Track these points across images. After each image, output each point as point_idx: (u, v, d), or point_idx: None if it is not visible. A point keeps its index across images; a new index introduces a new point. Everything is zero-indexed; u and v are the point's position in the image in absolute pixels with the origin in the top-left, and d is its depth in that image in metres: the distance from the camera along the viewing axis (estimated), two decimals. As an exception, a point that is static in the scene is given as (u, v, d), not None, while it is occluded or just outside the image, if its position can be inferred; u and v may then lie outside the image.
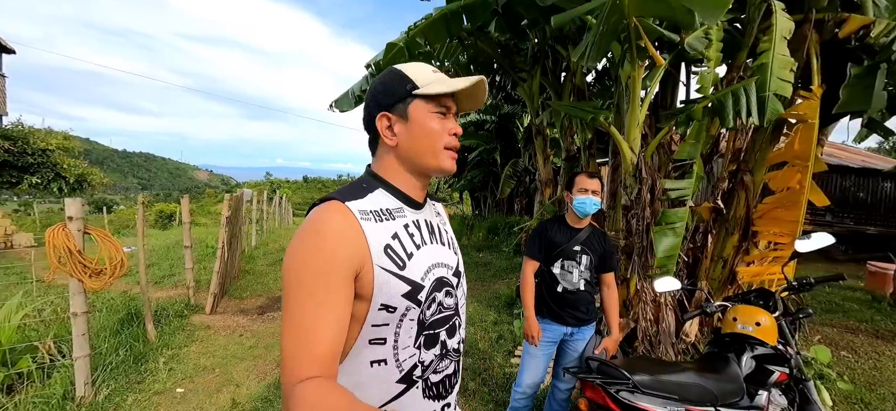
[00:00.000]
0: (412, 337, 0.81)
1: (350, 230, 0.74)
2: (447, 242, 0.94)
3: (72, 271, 2.71)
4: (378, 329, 0.77)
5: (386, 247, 0.77)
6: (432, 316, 0.84)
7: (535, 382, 2.23)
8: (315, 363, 0.66)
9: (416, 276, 0.80)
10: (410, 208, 0.86)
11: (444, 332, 0.86)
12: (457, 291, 0.91)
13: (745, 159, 3.21)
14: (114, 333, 3.74)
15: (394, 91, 0.83)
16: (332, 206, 0.76)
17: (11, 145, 10.53)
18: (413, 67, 0.84)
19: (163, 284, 6.40)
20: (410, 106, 0.81)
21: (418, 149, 0.82)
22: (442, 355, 0.86)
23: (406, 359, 0.81)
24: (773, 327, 1.96)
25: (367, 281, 0.74)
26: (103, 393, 2.87)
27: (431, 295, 0.83)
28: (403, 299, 0.78)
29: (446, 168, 0.84)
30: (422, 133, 0.81)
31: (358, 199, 0.79)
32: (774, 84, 2.43)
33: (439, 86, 0.80)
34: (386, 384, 0.80)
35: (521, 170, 10.40)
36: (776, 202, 3.10)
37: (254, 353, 3.72)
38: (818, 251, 2.01)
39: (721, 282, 3.40)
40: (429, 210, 0.93)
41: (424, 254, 0.83)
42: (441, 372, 0.87)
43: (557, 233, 2.15)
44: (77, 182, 11.75)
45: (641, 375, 1.58)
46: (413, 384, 0.83)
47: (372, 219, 0.77)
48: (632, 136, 2.90)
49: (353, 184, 0.85)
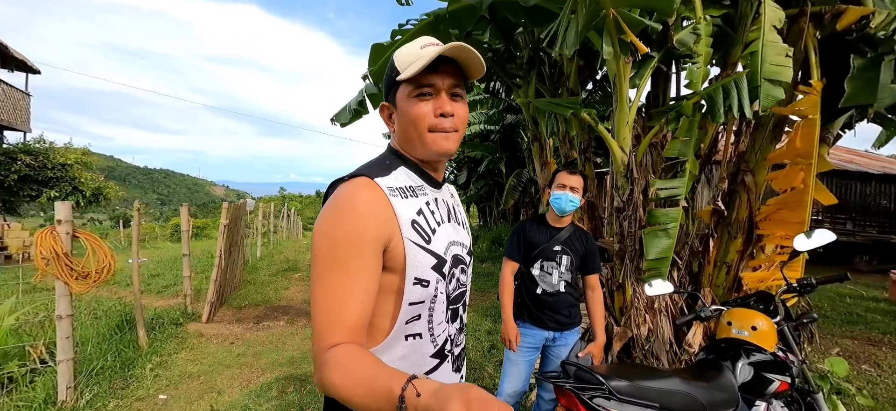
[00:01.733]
0: (444, 312, 0.85)
1: (379, 204, 0.75)
2: (462, 222, 0.98)
3: (58, 273, 2.72)
4: (414, 307, 0.80)
5: (413, 221, 0.79)
6: (454, 290, 0.88)
7: (516, 390, 2.11)
8: (344, 330, 0.68)
9: (439, 250, 0.82)
10: (430, 186, 0.89)
11: (461, 307, 0.92)
12: (469, 269, 0.96)
13: (746, 159, 3.07)
14: (105, 338, 3.75)
15: (387, 80, 0.85)
16: (362, 182, 0.77)
17: (33, 160, 10.97)
18: (404, 49, 0.81)
19: (165, 293, 6.45)
20: (397, 93, 0.82)
21: (406, 134, 0.83)
22: (461, 329, 0.93)
23: (440, 334, 0.85)
24: (771, 331, 1.81)
25: (398, 252, 0.76)
26: (85, 397, 2.84)
27: (452, 270, 0.85)
28: (432, 272, 0.80)
29: (435, 149, 0.81)
30: (405, 118, 0.81)
31: (384, 176, 0.80)
32: (767, 70, 2.31)
33: (414, 66, 0.77)
34: (421, 358, 0.83)
35: (526, 180, 10.29)
36: (780, 203, 2.94)
37: (241, 361, 3.66)
38: (838, 259, 1.87)
39: (726, 289, 3.21)
40: (445, 190, 0.96)
41: (444, 231, 0.86)
42: (460, 344, 0.94)
43: (537, 233, 2.06)
44: (93, 195, 12.14)
45: (618, 381, 1.45)
46: (444, 358, 0.87)
47: (399, 196, 0.79)
48: (621, 136, 2.80)
49: (376, 161, 0.86)
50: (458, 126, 0.82)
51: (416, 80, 0.78)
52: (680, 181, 2.57)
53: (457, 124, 0.82)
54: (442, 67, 0.78)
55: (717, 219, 3.20)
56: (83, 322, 4.36)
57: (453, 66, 0.80)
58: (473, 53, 0.78)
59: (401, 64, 0.80)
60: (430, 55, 0.75)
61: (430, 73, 0.78)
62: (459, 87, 0.82)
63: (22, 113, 11.08)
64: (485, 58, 3.34)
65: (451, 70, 0.80)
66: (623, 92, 2.72)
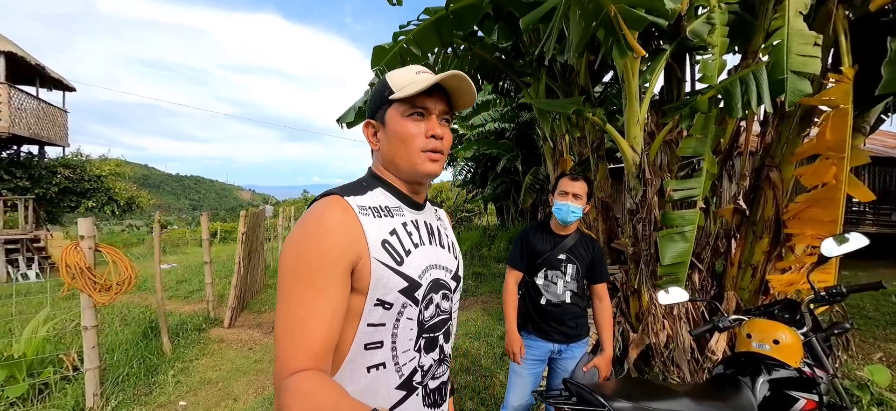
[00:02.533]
0: (412, 340, 0.80)
1: (348, 222, 0.74)
2: (447, 245, 0.93)
3: (82, 286, 2.86)
4: (374, 330, 0.76)
5: (383, 241, 0.77)
6: (431, 318, 0.83)
7: (522, 404, 2.04)
8: (308, 355, 0.65)
9: (413, 274, 0.79)
10: (409, 208, 0.87)
11: (441, 336, 0.86)
12: (454, 295, 0.90)
13: (771, 154, 2.87)
14: (132, 345, 3.92)
15: (376, 99, 0.85)
16: (332, 201, 0.76)
17: (71, 173, 11.68)
18: (397, 72, 0.84)
19: (191, 299, 6.72)
20: (387, 112, 0.82)
21: (395, 153, 0.82)
22: (440, 360, 0.87)
23: (406, 363, 0.80)
24: (795, 345, 1.67)
25: (364, 273, 0.73)
26: (111, 404, 2.98)
27: (428, 295, 0.82)
28: (400, 295, 0.77)
29: (424, 171, 0.82)
30: (396, 137, 0.81)
31: (357, 195, 0.80)
32: (794, 62, 2.14)
33: (411, 87, 0.79)
34: (385, 389, 0.79)
35: (543, 178, 10.08)
36: (810, 200, 2.73)
37: (258, 367, 3.75)
38: (882, 252, 1.71)
39: (751, 292, 3.03)
40: (429, 212, 0.93)
41: (422, 254, 0.83)
42: (439, 378, 0.87)
43: (540, 241, 1.99)
44: (127, 204, 12.81)
45: (622, 402, 1.37)
46: (413, 391, 0.82)
47: (370, 215, 0.78)
48: (632, 134, 2.68)
49: (354, 182, 0.86)
50: (444, 149, 0.84)
51: (411, 100, 0.79)
52: (696, 181, 2.42)
53: (444, 147, 0.83)
54: (435, 93, 0.81)
55: (740, 218, 3.02)
56: (114, 328, 4.59)
57: (444, 94, 0.83)
58: (470, 85, 0.81)
59: (395, 84, 0.81)
60: (431, 80, 0.77)
61: (425, 95, 0.80)
62: (448, 114, 0.85)
63: (60, 129, 11.81)
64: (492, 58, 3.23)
65: (443, 97, 0.82)
66: (632, 89, 2.60)
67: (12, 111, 9.68)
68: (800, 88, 2.07)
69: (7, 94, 9.56)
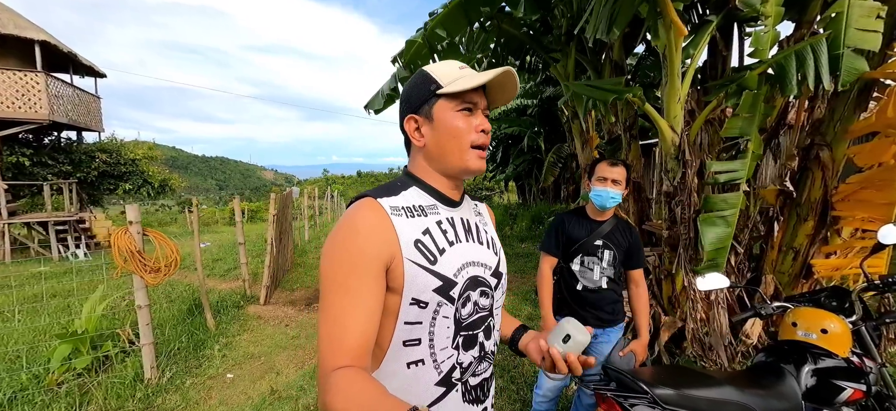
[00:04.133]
0: (449, 338, 0.81)
1: (380, 224, 0.75)
2: (487, 242, 0.92)
3: (134, 268, 3.05)
4: (411, 328, 0.78)
5: (416, 241, 0.78)
6: (469, 315, 0.83)
7: (555, 386, 2.09)
8: (347, 353, 0.69)
9: (448, 272, 0.80)
10: (445, 206, 0.87)
11: (481, 334, 0.86)
12: (495, 292, 0.90)
13: (822, 131, 2.71)
14: (179, 321, 4.19)
15: (420, 93, 0.84)
16: (365, 203, 0.78)
17: (108, 157, 12.26)
18: (439, 66, 0.85)
19: (227, 277, 7.05)
20: (435, 106, 0.82)
21: (444, 149, 0.83)
22: (481, 357, 0.87)
23: (444, 360, 0.81)
24: (844, 334, 1.63)
25: (398, 274, 0.75)
26: (166, 375, 3.22)
27: (465, 293, 0.82)
28: (434, 294, 0.78)
29: (473, 168, 0.83)
30: (446, 132, 0.81)
31: (391, 196, 0.81)
32: (852, 36, 1.99)
33: (462, 82, 0.79)
34: (425, 386, 0.81)
35: (567, 156, 9.87)
36: (864, 181, 2.59)
37: (296, 343, 3.95)
38: None
39: (791, 276, 2.93)
40: (467, 208, 0.93)
41: (458, 252, 0.83)
42: (480, 375, 0.88)
43: (576, 227, 1.97)
44: (161, 186, 13.41)
45: (664, 389, 1.38)
46: (452, 387, 0.83)
47: (403, 215, 0.79)
48: (672, 114, 2.57)
49: (388, 183, 0.87)
50: (488, 144, 0.86)
51: (461, 95, 0.80)
52: (741, 163, 2.32)
53: (488, 142, 0.86)
54: (479, 88, 0.82)
55: (784, 199, 2.89)
56: (162, 306, 4.91)
57: (483, 89, 0.84)
58: (515, 80, 0.83)
59: (442, 78, 0.81)
60: (485, 77, 0.79)
61: (473, 90, 0.81)
62: (487, 109, 0.87)
63: (95, 115, 12.32)
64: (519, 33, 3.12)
65: (483, 92, 0.84)
66: (674, 64, 2.48)
67: (51, 99, 10.13)
68: (855, 67, 1.93)
69: (45, 83, 9.98)
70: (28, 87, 9.83)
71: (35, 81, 9.88)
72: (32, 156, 10.71)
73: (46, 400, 2.79)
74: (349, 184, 52.61)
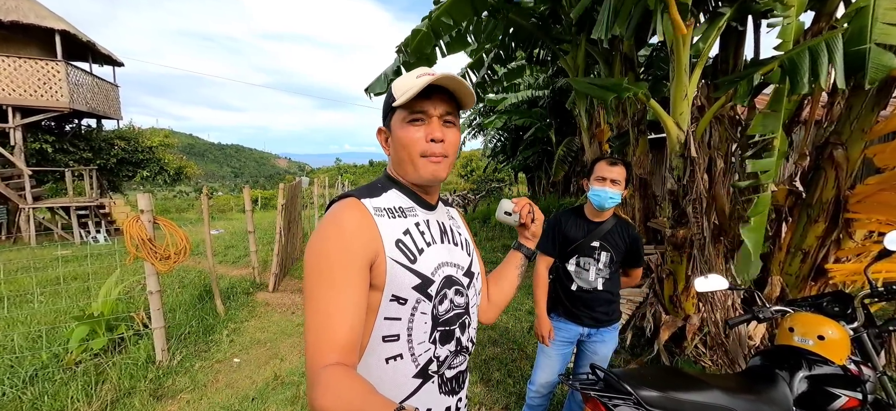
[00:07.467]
0: (426, 332, 0.84)
1: (364, 223, 0.79)
2: (460, 244, 0.97)
3: (145, 255, 3.16)
4: (391, 323, 0.81)
5: (397, 241, 0.82)
6: (446, 312, 0.87)
7: (548, 382, 2.10)
8: (336, 349, 0.70)
9: (426, 271, 0.83)
10: (422, 208, 0.91)
11: (457, 329, 0.90)
12: (468, 291, 0.94)
13: (837, 130, 2.61)
14: (190, 307, 4.34)
15: (385, 106, 0.89)
16: (349, 203, 0.82)
17: (126, 144, 12.61)
18: (401, 79, 0.86)
19: (238, 264, 7.23)
20: (392, 119, 0.86)
21: (399, 158, 0.86)
22: (457, 351, 0.90)
23: (421, 354, 0.84)
24: (842, 341, 1.59)
25: (381, 271, 0.79)
26: (177, 358, 3.35)
27: (442, 291, 0.86)
28: (413, 291, 0.82)
29: (425, 175, 0.85)
30: (398, 143, 0.85)
31: (373, 197, 0.85)
32: (878, 31, 1.89)
33: (408, 93, 0.81)
34: (403, 378, 0.84)
35: (577, 149, 9.71)
36: (883, 182, 2.49)
37: (300, 331, 4.05)
38: None
39: (799, 278, 2.86)
40: (441, 212, 0.98)
41: (434, 252, 0.87)
42: (455, 367, 0.92)
43: (573, 227, 1.96)
44: (176, 173, 13.76)
45: (649, 391, 1.38)
46: (429, 379, 0.87)
47: (385, 216, 0.83)
48: (678, 110, 2.50)
49: (370, 184, 0.90)
50: (447, 152, 0.85)
51: (409, 106, 0.82)
52: (768, 162, 2.20)
53: (447, 150, 0.85)
54: (436, 95, 0.83)
55: (794, 199, 2.80)
56: (174, 290, 5.07)
57: (446, 95, 0.84)
58: (463, 85, 0.82)
59: (397, 91, 0.84)
60: (422, 84, 0.79)
61: (424, 99, 0.82)
62: (452, 114, 0.86)
63: (113, 102, 12.63)
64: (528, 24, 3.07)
65: (444, 98, 0.84)
66: (681, 60, 2.41)
67: (71, 87, 10.42)
68: (884, 63, 1.83)
69: (65, 71, 10.26)
70: (49, 75, 10.13)
71: (56, 70, 10.17)
72: (55, 143, 11.08)
73: (65, 378, 2.94)
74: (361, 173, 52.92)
